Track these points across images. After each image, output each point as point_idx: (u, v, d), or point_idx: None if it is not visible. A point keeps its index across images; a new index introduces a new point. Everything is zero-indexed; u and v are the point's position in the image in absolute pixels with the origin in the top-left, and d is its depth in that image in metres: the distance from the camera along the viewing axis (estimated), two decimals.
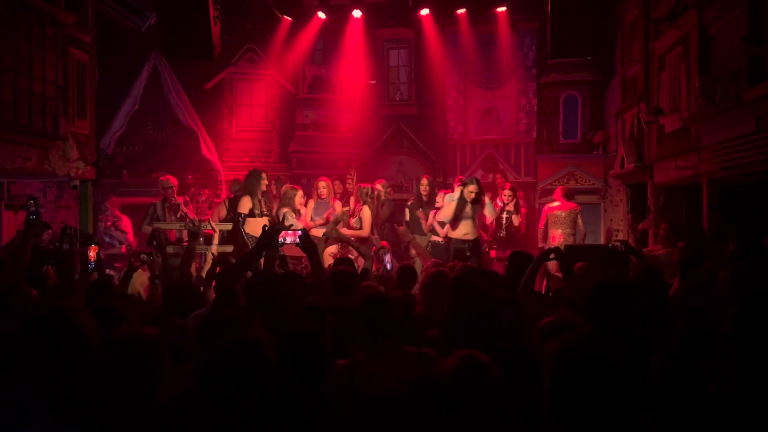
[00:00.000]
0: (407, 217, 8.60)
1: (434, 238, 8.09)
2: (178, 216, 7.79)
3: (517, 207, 8.69)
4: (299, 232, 4.08)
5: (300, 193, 8.04)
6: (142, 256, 5.34)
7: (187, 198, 8.63)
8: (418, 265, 6.75)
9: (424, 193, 8.58)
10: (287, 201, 7.87)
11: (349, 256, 6.31)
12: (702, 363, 2.40)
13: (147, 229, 8.14)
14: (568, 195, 8.99)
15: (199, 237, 7.10)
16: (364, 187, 8.17)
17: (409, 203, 8.79)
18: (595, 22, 8.22)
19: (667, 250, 6.35)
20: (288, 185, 8.35)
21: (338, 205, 8.33)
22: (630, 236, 8.39)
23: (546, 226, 8.74)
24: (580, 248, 7.21)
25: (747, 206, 5.01)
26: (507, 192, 8.65)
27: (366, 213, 7.94)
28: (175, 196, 7.98)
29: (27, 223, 4.07)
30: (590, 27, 8.16)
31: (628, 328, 2.99)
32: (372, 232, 7.93)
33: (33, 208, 4.22)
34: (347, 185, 8.74)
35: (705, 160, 6.38)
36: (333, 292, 3.95)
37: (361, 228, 7.87)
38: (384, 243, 6.65)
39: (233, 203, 7.99)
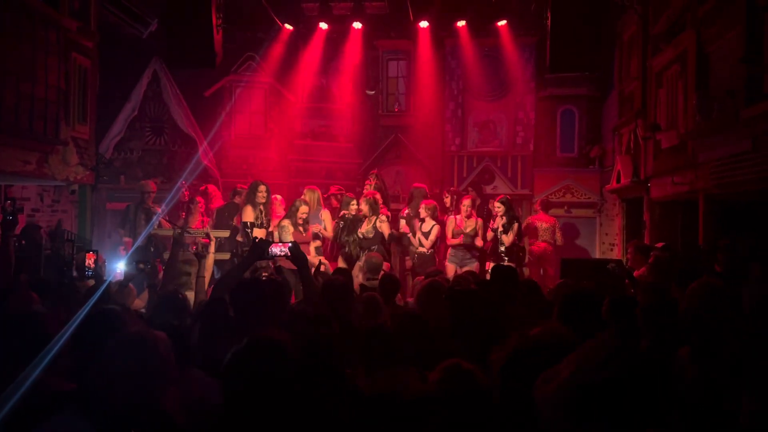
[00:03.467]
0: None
1: (421, 249, 8.14)
2: (156, 224, 7.78)
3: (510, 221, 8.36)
4: (289, 244, 4.17)
5: (303, 208, 7.62)
6: (140, 264, 5.33)
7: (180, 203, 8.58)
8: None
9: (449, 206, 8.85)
10: (290, 213, 7.65)
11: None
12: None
13: (123, 234, 8.16)
14: (547, 207, 9.99)
15: (183, 245, 6.98)
16: (432, 205, 8.28)
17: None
18: (594, 38, 8.33)
19: (640, 271, 6.44)
20: (299, 198, 8.04)
21: (326, 214, 8.14)
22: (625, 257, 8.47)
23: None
24: (577, 262, 7.27)
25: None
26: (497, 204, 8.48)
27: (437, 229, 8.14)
28: (150, 202, 8.07)
29: (4, 224, 4.07)
30: (589, 43, 8.27)
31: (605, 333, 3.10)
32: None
33: (10, 209, 4.24)
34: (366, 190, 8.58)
35: (701, 176, 6.45)
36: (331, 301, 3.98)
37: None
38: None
39: (222, 211, 8.13)
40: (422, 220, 8.25)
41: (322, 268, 6.92)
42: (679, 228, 7.77)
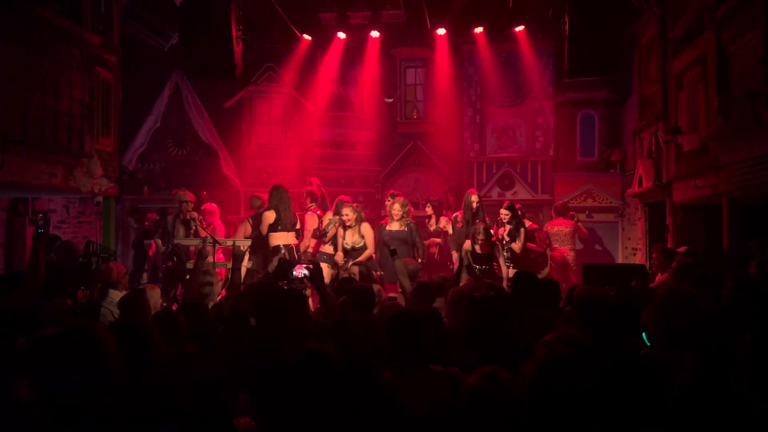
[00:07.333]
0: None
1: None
2: (192, 232, 7.78)
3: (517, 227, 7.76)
4: (311, 265, 4.26)
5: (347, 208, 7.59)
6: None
7: (200, 215, 8.56)
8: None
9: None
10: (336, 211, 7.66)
11: None
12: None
13: (159, 243, 8.18)
14: (563, 211, 9.54)
15: (206, 256, 6.97)
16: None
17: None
18: (612, 42, 8.25)
19: (664, 276, 6.34)
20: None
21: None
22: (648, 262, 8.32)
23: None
24: (599, 267, 7.21)
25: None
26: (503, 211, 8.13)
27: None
28: (190, 210, 7.94)
29: (35, 237, 4.14)
30: (607, 46, 8.18)
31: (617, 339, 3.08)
32: None
33: (41, 222, 4.32)
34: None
35: (724, 179, 6.37)
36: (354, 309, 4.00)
37: None
38: None
39: (257, 220, 7.98)
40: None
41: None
42: (702, 232, 7.67)
